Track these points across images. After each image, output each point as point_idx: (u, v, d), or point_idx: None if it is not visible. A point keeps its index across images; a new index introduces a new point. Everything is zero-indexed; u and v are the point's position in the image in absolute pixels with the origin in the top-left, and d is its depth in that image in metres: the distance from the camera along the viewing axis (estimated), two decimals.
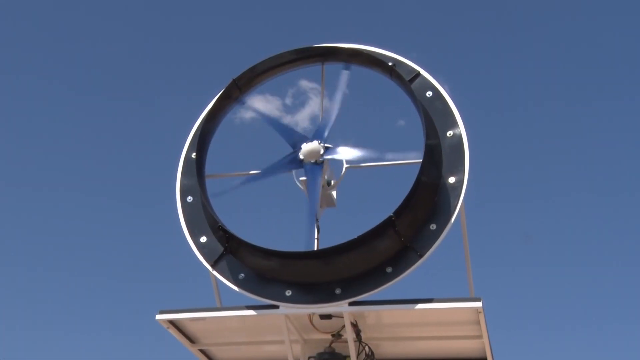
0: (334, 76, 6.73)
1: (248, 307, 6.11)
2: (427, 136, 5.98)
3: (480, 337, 6.21)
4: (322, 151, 6.29)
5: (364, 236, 5.72)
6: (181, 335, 6.56)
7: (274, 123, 6.64)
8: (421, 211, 5.97)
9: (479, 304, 5.71)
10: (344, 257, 5.82)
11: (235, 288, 6.08)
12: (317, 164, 6.27)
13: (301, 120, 14.10)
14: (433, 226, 5.97)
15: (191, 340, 6.70)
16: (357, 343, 6.35)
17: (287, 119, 7.05)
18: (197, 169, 6.35)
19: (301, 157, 6.31)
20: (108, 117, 20.59)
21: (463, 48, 21.50)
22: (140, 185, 20.47)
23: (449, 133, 6.29)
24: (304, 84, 7.28)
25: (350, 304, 5.88)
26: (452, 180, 6.11)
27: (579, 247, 20.21)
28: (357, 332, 6.28)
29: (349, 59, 6.60)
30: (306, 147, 6.30)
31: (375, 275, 5.88)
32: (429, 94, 6.47)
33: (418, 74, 6.56)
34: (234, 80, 6.61)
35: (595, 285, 20.26)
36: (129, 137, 20.91)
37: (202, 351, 6.85)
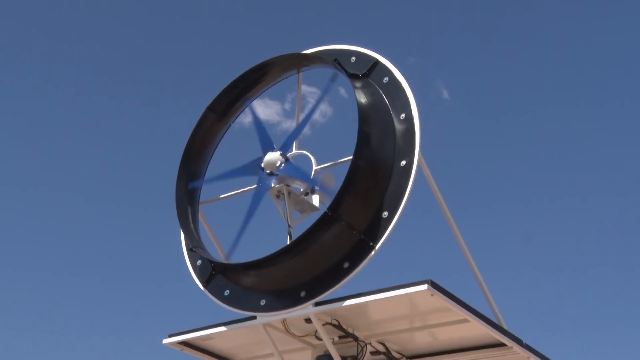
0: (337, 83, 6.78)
1: (230, 322, 6.33)
2: (362, 123, 5.86)
3: (467, 320, 5.90)
4: (278, 163, 6.34)
5: (303, 236, 5.71)
6: (209, 357, 6.92)
7: (257, 125, 6.72)
8: (371, 199, 5.84)
9: (423, 287, 5.45)
10: (295, 260, 5.84)
11: (221, 304, 6.31)
12: (271, 175, 6.34)
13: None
14: (385, 214, 5.81)
15: (225, 358, 7.04)
16: (355, 342, 6.32)
17: (286, 124, 7.11)
18: (178, 208, 6.61)
19: (262, 165, 6.41)
20: (110, 117, 20.81)
21: (462, 52, 21.31)
22: (142, 189, 20.55)
23: (402, 116, 6.12)
24: (304, 88, 7.32)
25: (317, 304, 5.88)
26: (403, 163, 5.92)
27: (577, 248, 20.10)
28: (351, 332, 6.24)
29: (296, 64, 6.64)
30: (268, 156, 6.40)
31: (334, 273, 5.82)
32: (386, 79, 6.35)
33: (377, 62, 6.46)
34: (209, 107, 6.89)
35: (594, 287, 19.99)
36: (131, 138, 21.12)
37: None
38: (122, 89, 21.42)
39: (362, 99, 6.06)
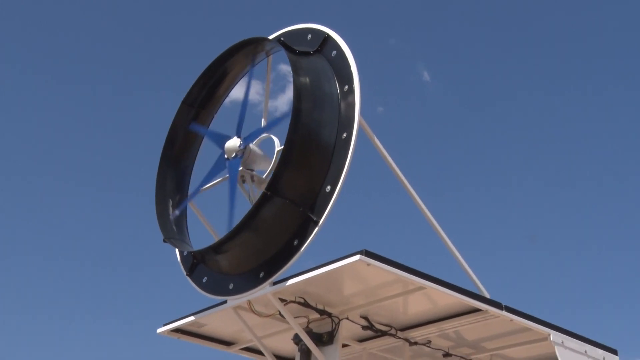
0: None
1: (207, 308, 6.51)
2: (296, 99, 5.85)
3: (423, 287, 5.79)
4: (238, 144, 6.42)
5: (246, 218, 5.79)
6: (213, 343, 7.16)
7: (208, 134, 6.88)
8: (314, 175, 5.83)
9: (355, 258, 5.39)
10: (249, 241, 5.92)
11: (200, 291, 6.50)
12: (236, 157, 6.41)
13: (281, 105, 13.51)
14: (328, 188, 5.79)
15: (228, 343, 7.26)
16: (329, 319, 6.34)
17: (269, 103, 7.18)
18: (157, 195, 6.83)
19: (226, 157, 6.52)
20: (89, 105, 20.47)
21: (444, 35, 21.23)
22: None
23: (345, 88, 6.07)
24: (284, 67, 7.37)
25: (274, 283, 5.94)
26: (344, 135, 5.87)
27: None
28: (321, 308, 6.27)
29: (252, 51, 6.69)
30: (227, 144, 6.50)
31: (286, 251, 5.87)
32: (334, 53, 6.32)
33: (327, 37, 6.42)
34: (183, 102, 7.07)
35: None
36: (116, 126, 20.81)
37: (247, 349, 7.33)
38: (105, 76, 21.57)
39: (302, 76, 6.04)
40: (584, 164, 21.45)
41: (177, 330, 6.96)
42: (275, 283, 5.91)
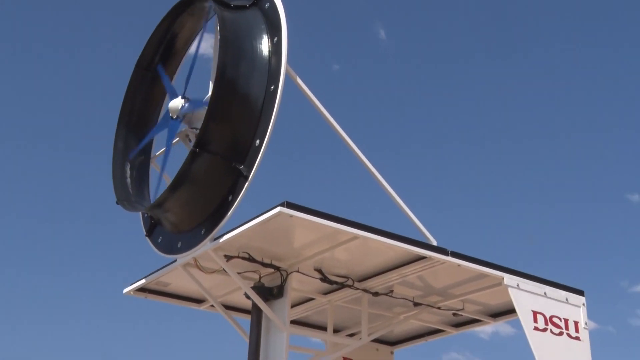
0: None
1: (162, 267, 6.62)
2: (222, 53, 5.83)
3: (357, 237, 5.75)
4: (180, 106, 6.41)
5: (178, 175, 5.82)
6: (182, 301, 7.30)
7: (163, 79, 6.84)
8: (244, 129, 5.83)
9: (276, 211, 5.38)
10: (187, 198, 5.97)
11: (156, 251, 6.60)
12: (177, 119, 6.43)
13: None
14: (257, 142, 5.79)
15: (197, 300, 7.39)
16: (279, 273, 6.38)
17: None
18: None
19: (170, 115, 6.54)
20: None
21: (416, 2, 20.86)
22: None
23: (275, 39, 6.03)
24: None
25: (216, 239, 5.99)
26: (272, 88, 5.84)
27: None
28: (268, 262, 6.32)
29: (194, 10, 6.67)
30: (171, 104, 6.50)
31: (223, 207, 5.90)
32: (267, 5, 6.28)
33: None
34: (137, 65, 7.10)
35: None
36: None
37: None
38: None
39: (228, 30, 5.99)
40: (532, 119, 21.71)
41: (143, 289, 7.11)
42: (216, 239, 5.97)
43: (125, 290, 7.12)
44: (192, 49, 7.12)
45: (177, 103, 6.43)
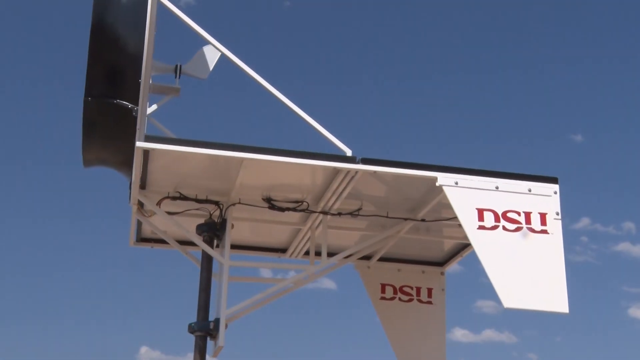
0: None
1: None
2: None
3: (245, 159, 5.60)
4: None
5: (83, 127, 6.03)
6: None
7: None
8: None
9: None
10: (103, 149, 6.20)
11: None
12: None
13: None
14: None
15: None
16: (217, 206, 6.41)
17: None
18: None
19: None
20: None
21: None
22: None
23: None
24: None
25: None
26: None
27: None
28: (204, 198, 6.37)
29: None
30: None
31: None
32: None
33: None
34: None
35: None
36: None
37: None
38: None
39: None
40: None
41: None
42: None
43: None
44: None
45: None
